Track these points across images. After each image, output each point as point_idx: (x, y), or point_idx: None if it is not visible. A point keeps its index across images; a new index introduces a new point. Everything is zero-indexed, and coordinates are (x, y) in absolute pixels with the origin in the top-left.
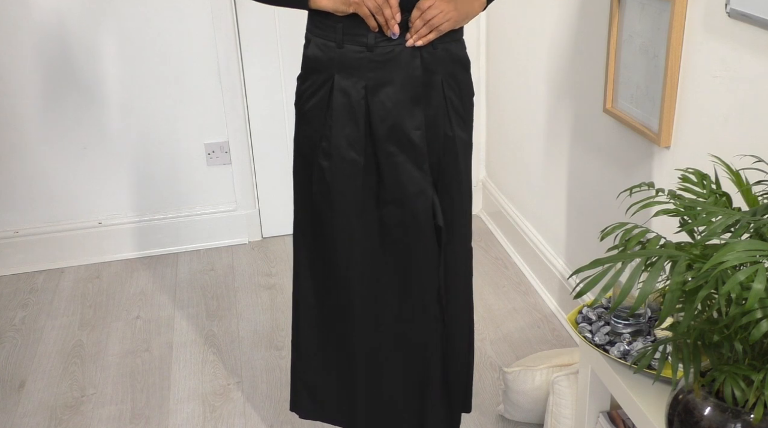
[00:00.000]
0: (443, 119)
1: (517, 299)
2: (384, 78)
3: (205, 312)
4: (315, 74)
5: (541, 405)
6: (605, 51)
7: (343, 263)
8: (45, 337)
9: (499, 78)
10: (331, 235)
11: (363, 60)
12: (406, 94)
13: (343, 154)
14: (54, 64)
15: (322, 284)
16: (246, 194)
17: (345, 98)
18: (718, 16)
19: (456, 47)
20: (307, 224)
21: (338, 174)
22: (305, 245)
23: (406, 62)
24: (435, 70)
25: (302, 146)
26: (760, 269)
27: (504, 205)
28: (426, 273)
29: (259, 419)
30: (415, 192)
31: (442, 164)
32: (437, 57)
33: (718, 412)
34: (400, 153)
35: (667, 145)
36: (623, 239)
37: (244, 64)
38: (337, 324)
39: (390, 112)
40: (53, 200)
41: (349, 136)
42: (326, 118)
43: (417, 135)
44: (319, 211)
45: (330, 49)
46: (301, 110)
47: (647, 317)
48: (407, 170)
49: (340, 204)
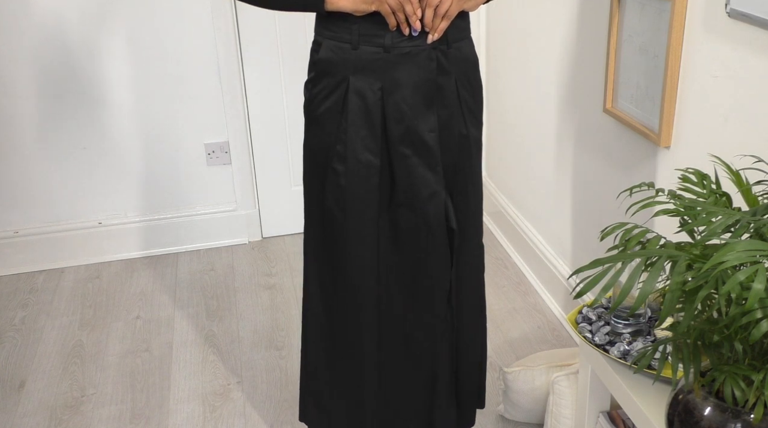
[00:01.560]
0: (458, 118)
1: (517, 299)
2: (400, 79)
3: (205, 312)
4: (328, 77)
5: (541, 405)
6: (605, 51)
7: (353, 269)
8: (45, 337)
9: (499, 78)
10: (343, 240)
11: (379, 61)
12: (420, 96)
13: (359, 157)
14: (54, 65)
15: (331, 291)
16: (246, 194)
17: (361, 100)
18: (718, 16)
19: (466, 45)
20: (318, 232)
21: (354, 177)
22: (315, 253)
23: (422, 63)
24: (449, 71)
25: (315, 151)
26: (760, 269)
27: (504, 205)
28: (437, 276)
29: (259, 419)
30: (428, 195)
31: (458, 164)
32: (451, 57)
33: (718, 412)
34: (413, 155)
35: (667, 145)
36: (623, 239)
37: (244, 64)
38: (345, 332)
39: (405, 114)
40: (53, 200)
41: (365, 138)
42: (341, 121)
43: (431, 137)
44: (331, 217)
45: (344, 51)
46: (313, 115)
47: (647, 317)
48: (420, 172)
49: (354, 208)
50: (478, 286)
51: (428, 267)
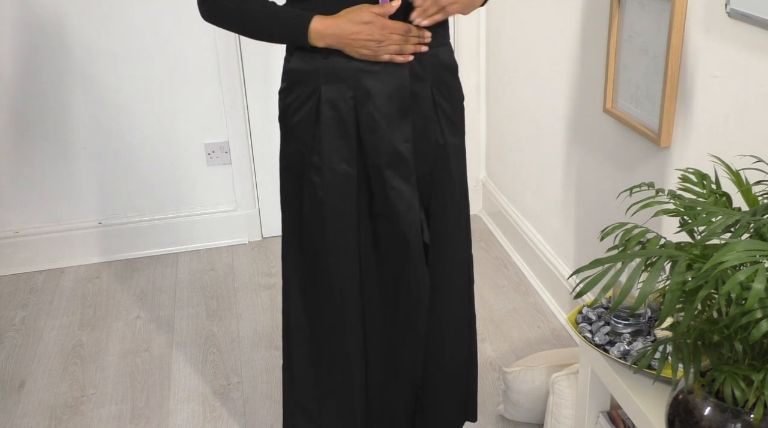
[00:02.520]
0: (434, 127)
1: (517, 299)
2: (372, 88)
3: (205, 312)
4: (299, 87)
5: (541, 405)
6: (605, 51)
7: (336, 281)
8: (45, 337)
9: (498, 78)
10: (324, 252)
11: (350, 70)
12: (394, 105)
13: (336, 167)
14: (54, 64)
15: (314, 303)
16: (246, 194)
17: (334, 110)
18: (718, 16)
19: (444, 52)
20: (297, 243)
21: (331, 189)
22: (295, 264)
23: (394, 71)
24: (424, 77)
25: (291, 162)
26: (760, 269)
27: (504, 205)
28: (417, 291)
29: (259, 419)
30: (404, 208)
31: (434, 173)
32: (426, 63)
33: (718, 412)
34: (387, 167)
35: (667, 145)
36: (623, 239)
37: (244, 64)
38: (330, 343)
39: (378, 124)
40: (53, 200)
41: (341, 148)
42: (315, 131)
43: (405, 147)
44: (310, 228)
45: (315, 60)
46: (288, 125)
47: (647, 317)
48: (396, 184)
49: (333, 220)
50: (462, 301)
51: (409, 280)
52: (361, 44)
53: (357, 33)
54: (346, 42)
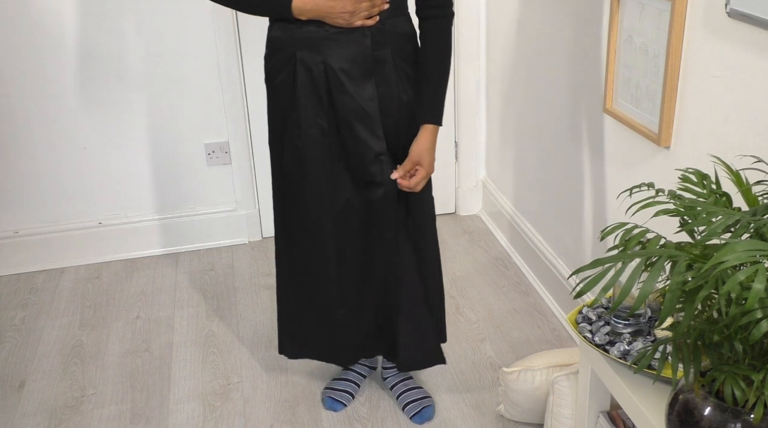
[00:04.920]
0: (398, 86)
1: (517, 299)
2: (339, 54)
3: (205, 312)
4: (279, 53)
5: (541, 405)
6: (605, 51)
7: (313, 216)
8: (45, 337)
9: (498, 77)
10: (302, 194)
11: (320, 39)
12: (358, 69)
13: (311, 121)
14: (54, 64)
15: (294, 240)
16: (246, 194)
17: (307, 73)
18: (718, 16)
19: (401, 22)
20: (281, 189)
21: (308, 140)
22: (279, 206)
23: (356, 39)
24: (384, 44)
25: (275, 117)
26: (760, 269)
27: (504, 205)
28: (390, 220)
29: (259, 419)
30: (371, 157)
31: (399, 126)
32: (385, 32)
33: (718, 412)
34: (356, 122)
35: (667, 145)
36: (623, 239)
37: (244, 64)
38: (310, 274)
39: (345, 84)
40: (53, 200)
41: (315, 106)
42: (293, 90)
43: (370, 105)
44: (290, 173)
45: (291, 30)
46: (272, 85)
47: (647, 317)
48: (363, 137)
49: (311, 166)
50: (432, 225)
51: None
52: (336, 15)
53: (332, 7)
54: (323, 14)
